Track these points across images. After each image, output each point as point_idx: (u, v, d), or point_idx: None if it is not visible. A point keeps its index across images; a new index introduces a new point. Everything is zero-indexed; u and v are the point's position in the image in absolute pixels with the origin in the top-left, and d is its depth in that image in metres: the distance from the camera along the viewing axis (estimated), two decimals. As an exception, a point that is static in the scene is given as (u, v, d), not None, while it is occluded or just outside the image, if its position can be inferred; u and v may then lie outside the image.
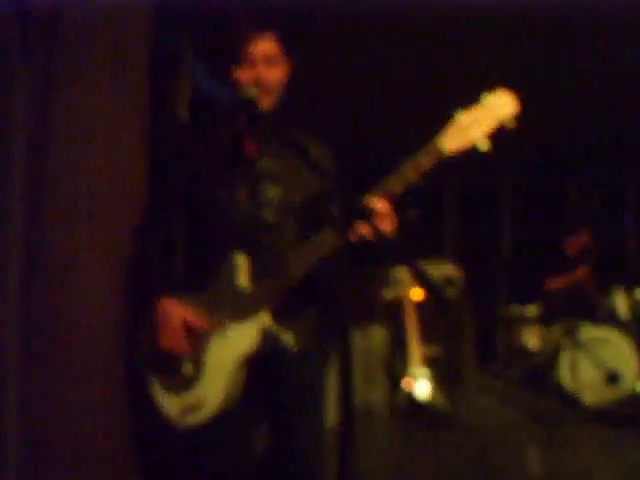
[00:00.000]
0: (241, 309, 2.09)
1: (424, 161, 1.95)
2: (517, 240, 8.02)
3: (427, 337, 5.84)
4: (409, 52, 4.95)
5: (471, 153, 1.99)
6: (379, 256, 2.12)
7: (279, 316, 2.10)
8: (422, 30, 4.59)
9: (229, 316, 2.10)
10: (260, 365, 2.12)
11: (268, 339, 2.07)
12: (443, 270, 6.61)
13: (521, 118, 1.94)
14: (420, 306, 5.75)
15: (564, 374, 5.53)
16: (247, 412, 2.19)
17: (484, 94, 1.94)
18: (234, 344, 2.09)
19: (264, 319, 2.08)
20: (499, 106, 1.93)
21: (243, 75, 2.14)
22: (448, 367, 5.81)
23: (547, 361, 5.79)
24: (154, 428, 2.26)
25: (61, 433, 2.39)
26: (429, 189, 7.27)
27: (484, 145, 1.94)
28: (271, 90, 2.15)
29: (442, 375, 5.61)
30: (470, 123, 1.94)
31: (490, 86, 1.96)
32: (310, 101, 4.96)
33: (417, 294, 5.92)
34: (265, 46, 2.13)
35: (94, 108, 2.52)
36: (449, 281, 6.50)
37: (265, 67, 2.13)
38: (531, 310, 6.12)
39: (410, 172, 1.96)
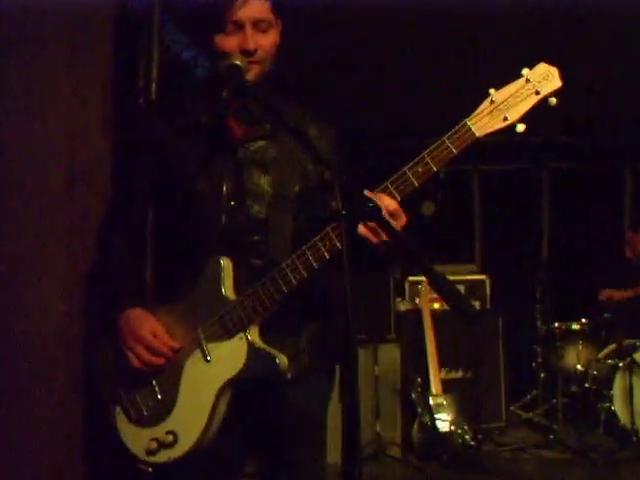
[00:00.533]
0: (224, 324, 2.10)
1: (452, 146, 1.96)
2: (559, 240, 8.03)
3: (448, 357, 5.86)
4: (432, 15, 5.00)
5: (506, 136, 2.01)
6: (389, 260, 2.14)
7: (270, 333, 2.12)
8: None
9: (210, 332, 2.12)
10: (246, 392, 2.13)
11: (257, 360, 2.08)
12: (468, 276, 6.64)
13: (564, 94, 1.98)
14: (440, 320, 5.77)
15: (618, 403, 5.55)
16: (230, 448, 2.20)
17: (524, 69, 1.97)
18: (215, 366, 2.10)
19: (252, 336, 2.09)
20: (541, 81, 1.95)
21: (228, 42, 2.14)
22: (474, 394, 5.83)
23: (597, 387, 5.81)
24: (117, 462, 2.28)
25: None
26: (453, 178, 7.27)
27: (521, 126, 1.97)
28: (261, 59, 2.15)
29: (466, 404, 5.63)
30: (507, 101, 1.96)
31: (530, 63, 1.99)
32: (305, 73, 5.04)
33: (436, 306, 5.95)
34: (255, 7, 2.13)
35: (45, 81, 2.53)
36: (475, 290, 6.53)
37: (254, 32, 2.13)
38: (577, 325, 6.13)
39: (434, 159, 1.97)
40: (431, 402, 5.44)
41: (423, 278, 5.91)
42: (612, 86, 5.99)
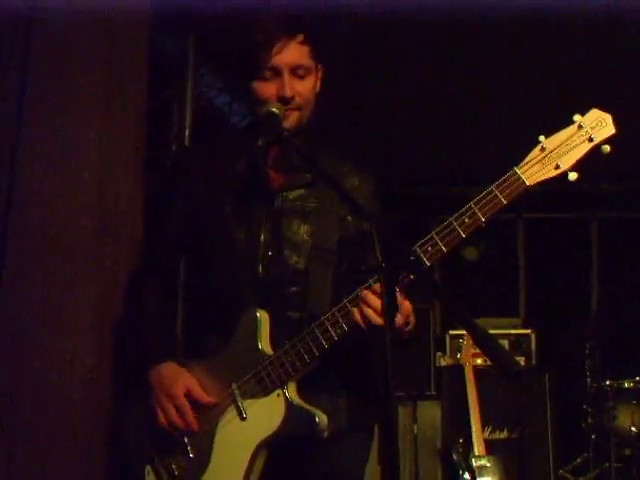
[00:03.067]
0: (261, 380, 2.10)
1: (501, 195, 1.96)
2: (609, 292, 7.94)
3: (492, 416, 5.78)
4: (478, 58, 5.04)
5: (554, 184, 2.01)
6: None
7: (307, 390, 2.12)
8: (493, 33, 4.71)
9: (245, 388, 2.12)
10: (282, 451, 2.12)
11: (295, 419, 2.07)
12: (512, 330, 6.58)
13: (617, 142, 1.97)
14: (483, 377, 5.70)
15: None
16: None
17: (575, 115, 1.98)
18: (251, 424, 2.10)
19: (290, 393, 2.09)
20: (594, 127, 1.95)
21: (265, 89, 2.18)
22: (519, 456, 5.73)
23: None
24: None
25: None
26: (496, 227, 7.26)
27: (574, 175, 1.96)
28: (299, 105, 2.19)
29: (511, 466, 5.53)
30: (559, 148, 1.96)
31: (581, 107, 1.99)
32: (346, 119, 5.09)
33: (478, 361, 5.89)
34: (292, 53, 2.17)
35: (77, 126, 2.59)
36: (519, 345, 6.45)
37: (292, 78, 2.17)
38: (630, 383, 6.01)
39: (482, 209, 1.96)
40: (474, 464, 5.34)
41: (465, 332, 5.86)
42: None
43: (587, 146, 1.95)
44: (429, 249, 1.99)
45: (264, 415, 2.09)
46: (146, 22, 2.85)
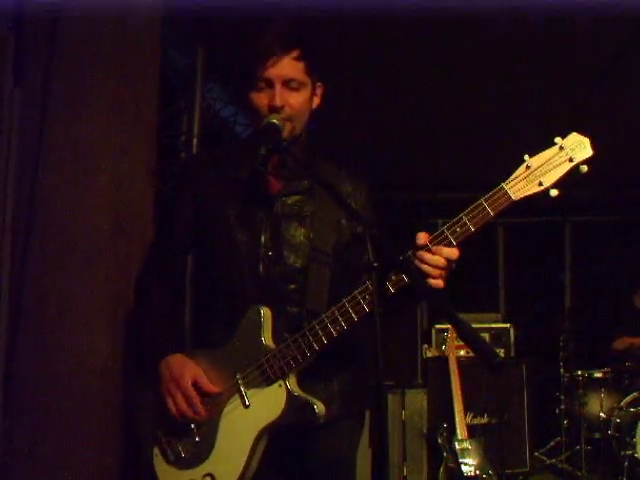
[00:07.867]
0: (264, 371, 2.08)
1: (489, 208, 1.96)
2: (581, 290, 7.94)
3: (474, 403, 5.77)
4: (471, 72, 5.02)
5: (538, 198, 2.01)
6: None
7: (305, 380, 2.10)
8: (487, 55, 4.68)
9: (249, 378, 2.10)
10: (281, 437, 2.11)
11: (295, 407, 2.06)
12: (492, 325, 6.58)
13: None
14: (465, 367, 5.70)
15: (640, 450, 5.41)
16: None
17: (557, 138, 1.98)
18: (254, 412, 2.08)
19: (291, 384, 2.07)
20: (574, 149, 1.95)
21: (258, 98, 2.15)
22: (499, 439, 5.72)
23: (619, 435, 5.66)
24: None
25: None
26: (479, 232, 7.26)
27: (555, 191, 1.96)
28: (289, 116, 2.16)
29: (491, 449, 5.52)
30: (542, 167, 1.96)
31: (563, 131, 2.00)
32: (342, 130, 5.07)
33: (461, 353, 5.88)
34: (285, 67, 2.14)
35: (94, 135, 2.58)
36: (499, 338, 6.45)
37: (284, 90, 2.15)
38: (599, 373, 6.02)
39: (472, 220, 1.96)
40: (457, 446, 5.33)
41: (449, 326, 5.86)
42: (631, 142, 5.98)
43: (567, 166, 1.95)
44: None
45: (266, 404, 2.07)
46: (158, 38, 2.84)
